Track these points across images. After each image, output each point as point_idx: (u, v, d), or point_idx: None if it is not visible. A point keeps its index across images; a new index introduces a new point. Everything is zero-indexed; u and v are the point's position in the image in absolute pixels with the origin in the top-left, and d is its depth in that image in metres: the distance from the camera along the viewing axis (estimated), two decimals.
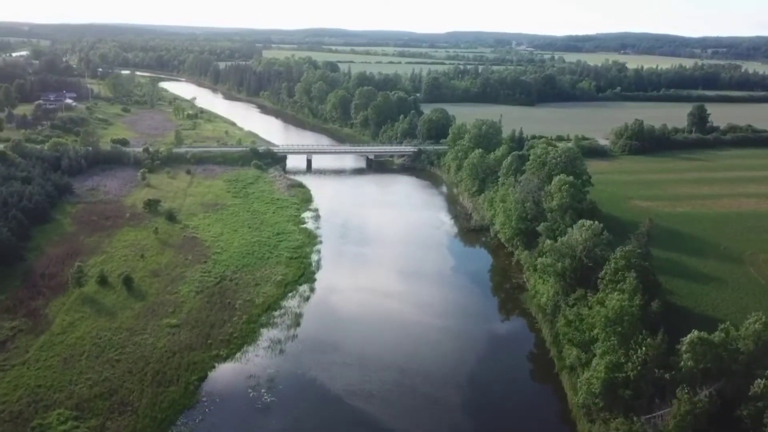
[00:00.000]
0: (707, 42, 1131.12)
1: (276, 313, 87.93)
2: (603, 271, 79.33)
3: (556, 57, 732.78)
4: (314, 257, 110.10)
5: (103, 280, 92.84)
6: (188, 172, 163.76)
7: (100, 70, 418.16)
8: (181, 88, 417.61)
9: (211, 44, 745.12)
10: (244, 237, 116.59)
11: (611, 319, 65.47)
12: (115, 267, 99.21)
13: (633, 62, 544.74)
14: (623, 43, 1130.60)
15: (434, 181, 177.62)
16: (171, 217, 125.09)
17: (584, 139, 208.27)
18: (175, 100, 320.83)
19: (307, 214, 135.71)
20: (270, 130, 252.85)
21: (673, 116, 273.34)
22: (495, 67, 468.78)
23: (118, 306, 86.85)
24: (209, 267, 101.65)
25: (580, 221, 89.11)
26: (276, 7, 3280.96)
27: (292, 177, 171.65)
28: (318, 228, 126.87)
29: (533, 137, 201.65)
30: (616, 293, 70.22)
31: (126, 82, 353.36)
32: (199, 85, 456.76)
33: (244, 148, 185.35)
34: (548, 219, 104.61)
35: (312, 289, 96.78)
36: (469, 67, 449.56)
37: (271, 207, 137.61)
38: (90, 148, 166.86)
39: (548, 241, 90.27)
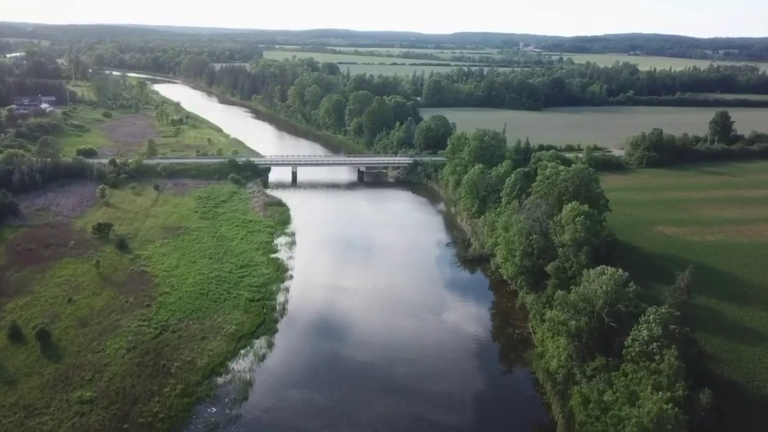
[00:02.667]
0: (718, 43, 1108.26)
1: (220, 381, 70.75)
2: (630, 338, 61.94)
3: (565, 58, 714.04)
4: (280, 298, 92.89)
5: (15, 333, 76.16)
6: (156, 188, 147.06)
7: (91, 71, 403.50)
8: (174, 91, 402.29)
9: (211, 45, 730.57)
10: (201, 271, 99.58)
11: (648, 429, 47.99)
12: (36, 313, 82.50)
13: (644, 64, 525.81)
14: (632, 44, 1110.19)
15: (431, 198, 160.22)
16: (122, 245, 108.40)
17: (597, 149, 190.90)
18: (162, 104, 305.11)
19: (281, 240, 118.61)
20: (258, 138, 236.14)
21: (690, 122, 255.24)
22: (501, 69, 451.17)
23: (23, 371, 70.02)
24: (152, 313, 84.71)
25: (599, 268, 71.51)
26: (282, 8, 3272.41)
27: (272, 193, 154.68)
28: (291, 258, 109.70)
29: (540, 148, 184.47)
30: (650, 379, 52.78)
31: (113, 85, 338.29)
32: (195, 87, 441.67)
33: (221, 160, 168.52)
34: (558, 255, 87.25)
35: (270, 345, 79.51)
36: (474, 69, 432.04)
37: (240, 231, 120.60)
38: (49, 160, 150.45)
39: (559, 292, 72.66)
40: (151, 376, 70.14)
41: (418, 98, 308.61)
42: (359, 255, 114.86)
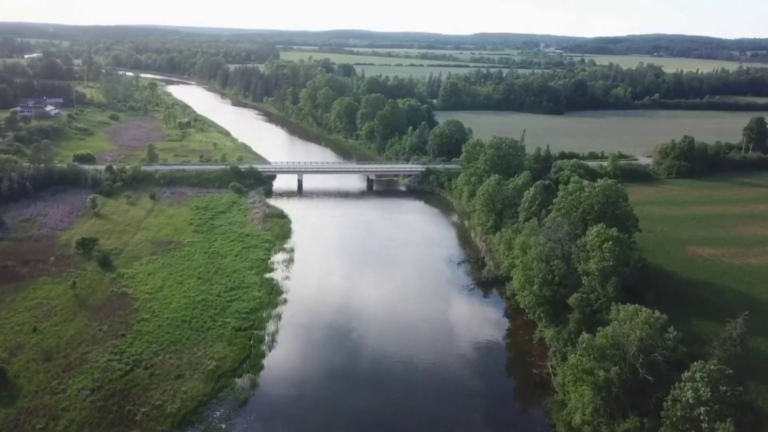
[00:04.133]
0: (744, 44, 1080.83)
1: None
2: (671, 398, 51.68)
3: (586, 59, 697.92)
4: (270, 327, 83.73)
5: None
6: (152, 197, 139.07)
7: (104, 71, 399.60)
8: (188, 92, 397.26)
9: (228, 46, 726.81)
10: (188, 293, 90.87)
11: None
12: None
13: (669, 65, 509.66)
14: (656, 45, 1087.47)
15: (443, 208, 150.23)
16: (105, 262, 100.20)
17: (622, 156, 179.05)
18: (172, 106, 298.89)
19: (278, 257, 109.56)
20: (267, 142, 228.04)
21: (721, 127, 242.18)
22: (521, 71, 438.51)
23: None
24: (125, 344, 76.06)
25: (632, 308, 61.17)
26: (302, 9, 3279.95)
27: (274, 203, 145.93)
28: (287, 278, 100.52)
29: (562, 155, 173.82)
30: None
31: (125, 86, 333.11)
32: (209, 89, 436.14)
33: (223, 167, 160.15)
34: (583, 285, 76.96)
35: (253, 385, 70.22)
36: (492, 70, 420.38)
37: (236, 246, 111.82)
38: (42, 166, 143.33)
39: (584, 334, 62.37)
40: (113, 425, 61.37)
41: (434, 101, 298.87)
42: (362, 276, 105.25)
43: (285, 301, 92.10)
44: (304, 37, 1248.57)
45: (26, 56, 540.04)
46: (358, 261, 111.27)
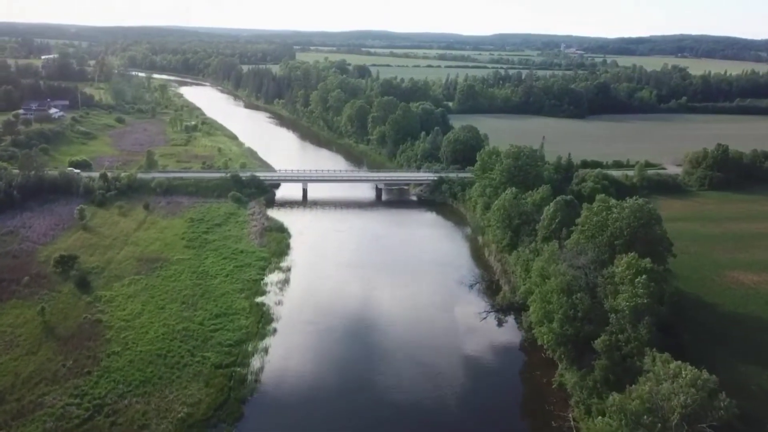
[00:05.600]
0: None
1: None
2: None
3: (608, 61, 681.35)
4: (255, 363, 74.46)
5: None
6: (146, 207, 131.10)
7: (116, 71, 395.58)
8: (201, 94, 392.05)
9: (245, 47, 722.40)
10: (168, 321, 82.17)
11: None
12: None
13: (695, 67, 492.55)
14: (680, 46, 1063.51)
15: (456, 221, 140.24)
16: (83, 282, 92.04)
17: (649, 165, 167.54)
18: (181, 108, 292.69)
19: (272, 278, 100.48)
20: (274, 147, 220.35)
21: (755, 133, 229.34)
22: (540, 72, 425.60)
23: None
24: (89, 384, 67.40)
25: (674, 365, 50.85)
26: (321, 9, 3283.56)
27: (275, 214, 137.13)
28: (279, 303, 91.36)
29: (584, 164, 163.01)
30: None
31: (135, 88, 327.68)
32: (222, 90, 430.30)
33: (223, 175, 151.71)
34: (610, 323, 66.62)
35: None
36: (511, 72, 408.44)
37: (227, 265, 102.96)
38: (32, 174, 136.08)
39: (614, 396, 52.13)
40: None
41: (450, 103, 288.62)
42: (362, 301, 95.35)
43: (274, 331, 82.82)
44: (323, 37, 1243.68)
45: (43, 57, 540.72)
46: (360, 284, 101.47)
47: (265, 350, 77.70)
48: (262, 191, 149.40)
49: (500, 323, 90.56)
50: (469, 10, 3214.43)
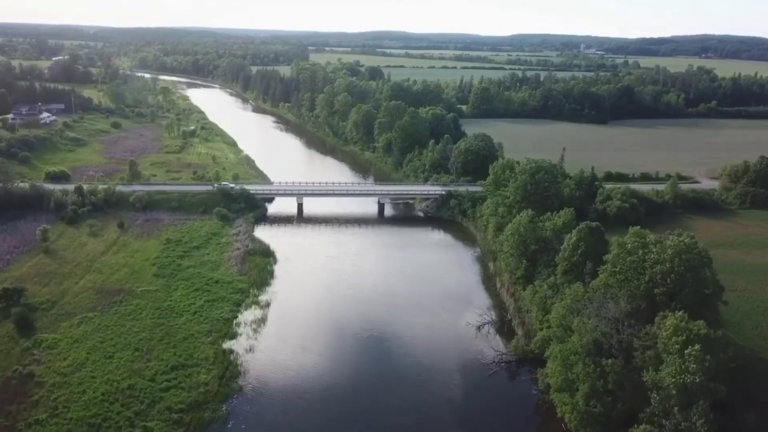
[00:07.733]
0: None
1: None
2: None
3: (630, 62, 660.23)
4: None
5: None
6: (121, 226, 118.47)
7: (122, 72, 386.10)
8: (207, 96, 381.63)
9: (258, 47, 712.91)
10: (113, 376, 68.81)
11: None
12: None
13: (721, 68, 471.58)
14: (704, 46, 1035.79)
15: (466, 242, 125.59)
16: (24, 322, 79.20)
17: (681, 179, 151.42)
18: (183, 112, 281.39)
19: (247, 316, 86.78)
20: (275, 154, 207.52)
21: None
22: (560, 74, 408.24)
23: None
24: None
25: None
26: (339, 10, 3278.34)
27: (263, 234, 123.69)
28: (250, 350, 77.56)
29: (608, 177, 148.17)
30: None
31: (137, 90, 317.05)
32: (231, 92, 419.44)
33: (210, 188, 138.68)
34: (652, 404, 51.88)
35: None
36: (529, 73, 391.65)
37: (198, 299, 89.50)
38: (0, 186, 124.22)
39: None
40: None
41: (463, 107, 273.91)
42: (352, 350, 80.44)
43: (239, 390, 68.91)
44: (340, 38, 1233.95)
45: (53, 59, 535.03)
46: (348, 325, 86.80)
47: (223, 419, 63.83)
48: (253, 206, 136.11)
49: (512, 377, 75.98)
50: (487, 11, 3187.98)
